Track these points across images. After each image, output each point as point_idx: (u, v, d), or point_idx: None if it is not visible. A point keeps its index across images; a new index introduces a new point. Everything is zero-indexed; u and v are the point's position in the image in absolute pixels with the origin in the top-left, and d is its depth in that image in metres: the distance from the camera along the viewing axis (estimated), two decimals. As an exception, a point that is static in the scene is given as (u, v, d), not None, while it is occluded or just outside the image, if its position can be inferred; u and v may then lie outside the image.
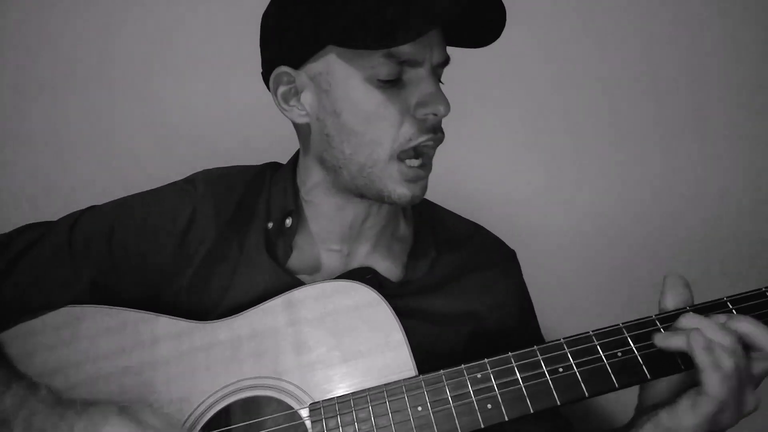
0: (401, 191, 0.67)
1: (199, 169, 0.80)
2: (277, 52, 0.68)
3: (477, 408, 0.59)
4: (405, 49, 0.62)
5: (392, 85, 0.64)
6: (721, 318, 0.59)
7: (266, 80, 0.72)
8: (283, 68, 0.67)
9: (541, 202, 1.18)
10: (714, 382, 0.55)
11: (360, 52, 0.63)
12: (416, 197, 0.68)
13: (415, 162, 0.67)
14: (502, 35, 0.67)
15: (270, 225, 0.75)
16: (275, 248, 0.74)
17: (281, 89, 0.69)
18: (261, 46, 0.71)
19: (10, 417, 0.58)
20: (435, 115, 0.65)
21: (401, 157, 0.66)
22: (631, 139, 1.17)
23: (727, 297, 0.62)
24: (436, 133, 0.67)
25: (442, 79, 0.71)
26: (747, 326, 0.57)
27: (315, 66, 0.66)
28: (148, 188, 0.78)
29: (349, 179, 0.69)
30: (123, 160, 1.11)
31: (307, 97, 0.68)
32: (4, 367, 0.65)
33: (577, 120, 1.17)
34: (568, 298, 1.12)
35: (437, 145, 0.69)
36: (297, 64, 0.67)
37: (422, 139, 0.66)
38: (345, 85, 0.64)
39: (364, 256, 0.77)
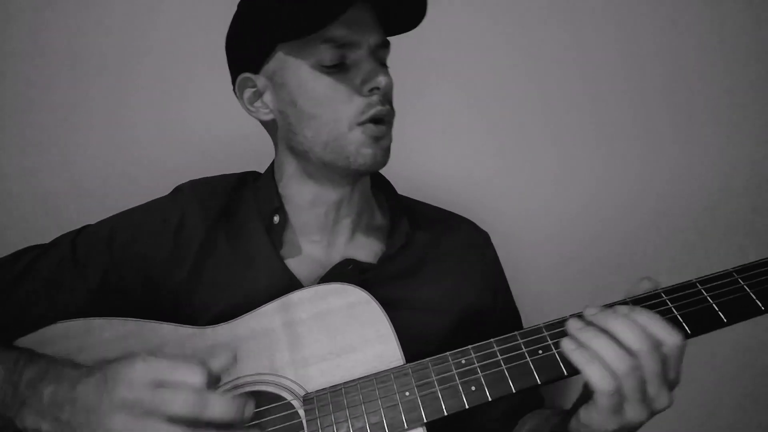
0: (365, 151, 0.73)
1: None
2: (239, 61, 0.78)
3: (462, 390, 0.62)
4: (340, 33, 0.70)
5: (338, 69, 0.72)
6: (620, 310, 0.59)
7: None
8: (245, 74, 0.77)
9: (521, 194, 1.19)
10: (593, 376, 0.55)
11: (304, 44, 0.71)
12: (379, 158, 0.74)
13: (374, 126, 0.73)
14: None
15: (262, 222, 0.81)
16: (272, 241, 0.80)
17: (246, 93, 0.78)
18: (227, 62, 0.80)
19: (38, 384, 0.60)
20: (378, 88, 0.72)
21: (360, 122, 0.73)
22: (612, 130, 1.19)
23: (695, 278, 0.66)
24: (384, 105, 0.74)
25: (387, 63, 0.78)
26: (643, 319, 0.57)
27: (270, 66, 0.75)
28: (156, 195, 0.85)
29: (317, 159, 0.76)
30: (132, 165, 1.15)
31: (268, 96, 0.77)
32: (25, 350, 0.69)
33: (558, 111, 1.19)
34: (548, 288, 1.13)
35: (390, 123, 0.76)
36: (256, 69, 0.76)
37: (373, 111, 0.73)
38: (296, 76, 0.73)
39: (344, 245, 0.83)
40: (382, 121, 0.74)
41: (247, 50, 0.76)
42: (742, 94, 1.20)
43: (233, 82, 0.80)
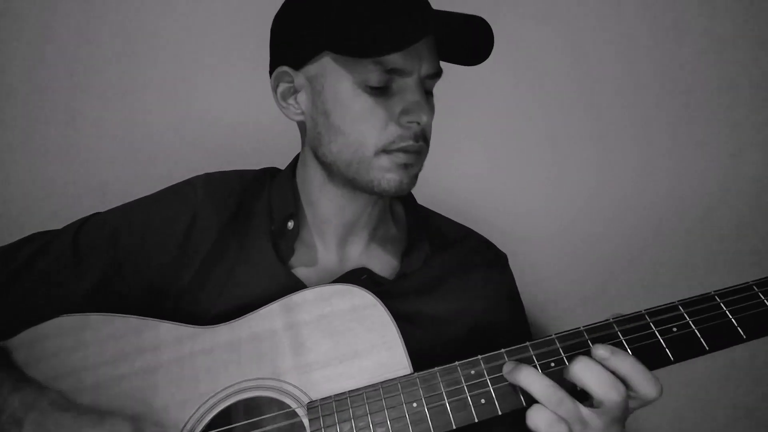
0: (390, 176, 0.69)
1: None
2: (281, 52, 0.73)
3: (471, 403, 0.60)
4: (394, 59, 0.66)
5: (381, 92, 0.68)
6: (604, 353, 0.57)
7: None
8: (284, 68, 0.72)
9: (528, 203, 1.19)
10: None
11: (353, 59, 0.66)
12: (404, 185, 0.70)
13: (403, 154, 0.69)
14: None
15: (273, 227, 0.78)
16: (278, 249, 0.77)
17: (281, 87, 0.73)
18: (270, 45, 0.76)
19: (21, 417, 0.59)
20: (418, 123, 0.68)
21: (388, 150, 0.69)
22: (611, 132, 1.19)
23: (714, 291, 0.64)
24: (418, 141, 0.69)
25: (434, 91, 0.74)
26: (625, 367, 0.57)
27: (312, 68, 0.70)
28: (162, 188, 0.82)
29: (339, 174, 0.72)
30: (138, 162, 1.14)
31: (303, 97, 0.72)
32: (13, 370, 0.67)
33: (557, 115, 1.19)
34: (560, 297, 1.13)
35: (422, 154, 0.72)
36: (297, 65, 0.71)
37: (404, 144, 0.69)
38: (335, 88, 0.68)
39: (357, 255, 0.80)
40: (415, 154, 0.70)
41: (292, 44, 0.71)
42: (740, 95, 1.19)
43: (270, 71, 0.75)
